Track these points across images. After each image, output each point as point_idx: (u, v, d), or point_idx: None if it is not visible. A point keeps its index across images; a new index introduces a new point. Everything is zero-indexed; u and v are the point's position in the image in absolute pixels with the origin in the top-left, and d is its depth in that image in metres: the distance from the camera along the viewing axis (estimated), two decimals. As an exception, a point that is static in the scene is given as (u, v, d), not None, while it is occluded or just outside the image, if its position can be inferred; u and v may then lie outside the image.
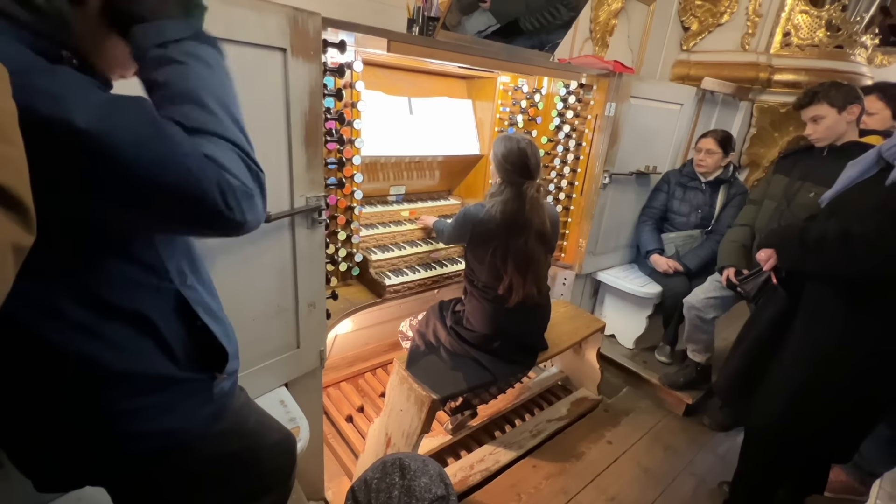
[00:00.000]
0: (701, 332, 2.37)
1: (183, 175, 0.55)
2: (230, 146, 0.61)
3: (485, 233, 1.64)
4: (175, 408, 0.74)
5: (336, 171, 1.64)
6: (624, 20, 2.99)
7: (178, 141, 0.55)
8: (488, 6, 1.75)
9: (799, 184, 1.95)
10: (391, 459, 0.92)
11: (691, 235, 2.60)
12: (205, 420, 0.79)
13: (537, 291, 1.71)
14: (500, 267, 1.64)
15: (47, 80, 0.50)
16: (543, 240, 1.67)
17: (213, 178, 0.57)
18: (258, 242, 1.28)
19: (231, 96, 0.65)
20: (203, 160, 0.56)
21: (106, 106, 0.52)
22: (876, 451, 1.79)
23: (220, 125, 0.61)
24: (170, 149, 0.54)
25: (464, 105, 2.38)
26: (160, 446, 0.74)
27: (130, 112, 0.54)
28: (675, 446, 2.23)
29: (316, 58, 1.24)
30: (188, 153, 0.55)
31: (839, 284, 1.35)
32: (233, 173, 0.59)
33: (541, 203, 1.65)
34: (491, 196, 1.67)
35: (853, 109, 1.74)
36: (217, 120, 0.61)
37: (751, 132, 3.38)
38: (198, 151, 0.56)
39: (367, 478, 0.91)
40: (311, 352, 1.54)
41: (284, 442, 1.02)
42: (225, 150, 0.60)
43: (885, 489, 1.32)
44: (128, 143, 0.52)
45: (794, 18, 3.09)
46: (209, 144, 0.59)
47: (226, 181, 0.58)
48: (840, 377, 1.36)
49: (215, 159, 0.58)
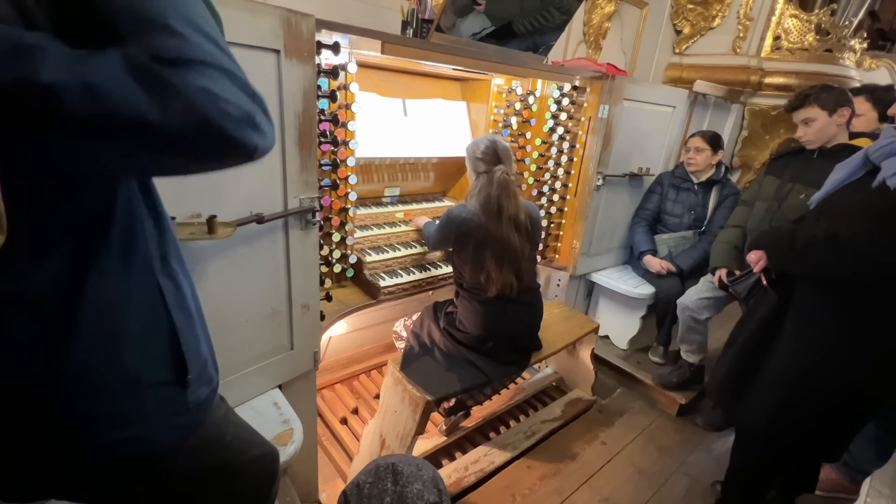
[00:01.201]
0: (694, 333, 2.38)
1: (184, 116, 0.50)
2: (217, 71, 0.54)
3: (468, 231, 1.66)
4: (145, 416, 0.70)
5: (330, 172, 1.64)
6: (617, 23, 3.01)
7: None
8: (482, 9, 1.76)
9: (790, 185, 1.97)
10: (384, 463, 0.91)
11: (684, 237, 2.62)
12: (176, 431, 0.75)
13: (517, 281, 1.70)
14: (482, 257, 1.66)
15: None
16: (518, 226, 1.68)
17: (212, 109, 0.51)
18: (251, 243, 1.28)
19: (201, 15, 0.57)
20: (198, 93, 0.51)
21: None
22: (865, 450, 1.81)
23: (199, 50, 0.54)
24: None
25: (458, 107, 2.39)
26: (128, 456, 0.70)
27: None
28: (669, 446, 2.25)
29: (310, 59, 1.24)
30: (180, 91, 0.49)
31: (828, 286, 1.36)
32: (229, 100, 0.54)
33: (512, 189, 1.68)
34: (470, 196, 1.71)
35: (843, 112, 1.77)
36: (195, 45, 0.54)
37: (742, 135, 3.42)
38: (190, 85, 0.50)
39: (359, 482, 0.90)
40: (305, 353, 1.54)
41: (265, 457, 0.97)
42: (215, 78, 0.53)
43: (875, 487, 1.34)
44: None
45: (784, 22, 3.13)
46: (196, 75, 0.52)
47: (224, 111, 0.52)
48: (829, 378, 1.38)
49: (208, 90, 0.52)
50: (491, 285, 1.67)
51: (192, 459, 0.80)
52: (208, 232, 1.09)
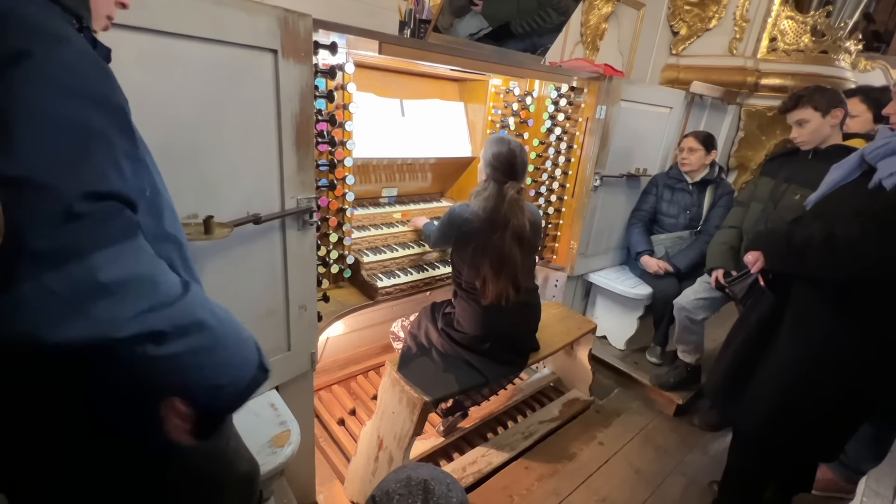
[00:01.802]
0: (691, 333, 2.39)
1: None
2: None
3: (469, 232, 1.65)
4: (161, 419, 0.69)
5: (327, 172, 1.64)
6: (614, 24, 3.02)
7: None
8: (480, 9, 1.76)
9: (785, 186, 1.98)
10: (416, 477, 0.89)
11: (680, 237, 2.63)
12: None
13: (514, 291, 1.69)
14: (479, 263, 1.65)
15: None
16: (521, 241, 1.67)
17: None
18: (248, 244, 1.27)
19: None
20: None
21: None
22: (860, 450, 1.82)
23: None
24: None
25: (455, 107, 2.39)
26: (143, 456, 0.70)
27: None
28: (666, 446, 2.25)
29: (307, 59, 1.23)
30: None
31: (825, 286, 1.37)
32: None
33: (521, 205, 1.67)
34: (475, 195, 1.70)
35: (837, 113, 1.78)
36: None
37: (739, 135, 3.44)
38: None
39: (389, 490, 0.87)
40: (302, 354, 1.53)
41: (251, 475, 0.96)
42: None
43: (871, 486, 1.35)
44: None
45: (780, 24, 3.15)
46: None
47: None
48: (825, 378, 1.38)
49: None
50: (486, 294, 1.66)
51: (197, 464, 0.79)
52: (205, 232, 1.09)
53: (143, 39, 0.95)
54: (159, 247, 0.70)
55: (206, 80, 1.08)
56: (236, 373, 0.64)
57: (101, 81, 0.58)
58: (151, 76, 0.99)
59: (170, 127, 1.04)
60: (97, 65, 0.59)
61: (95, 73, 0.58)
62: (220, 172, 1.16)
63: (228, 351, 0.63)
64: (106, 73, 0.60)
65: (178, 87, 1.04)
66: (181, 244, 0.76)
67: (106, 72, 0.60)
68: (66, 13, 0.60)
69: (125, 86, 0.62)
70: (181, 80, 1.04)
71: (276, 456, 1.25)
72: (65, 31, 0.57)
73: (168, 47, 0.99)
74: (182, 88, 1.04)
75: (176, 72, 1.02)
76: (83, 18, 0.64)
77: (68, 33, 0.57)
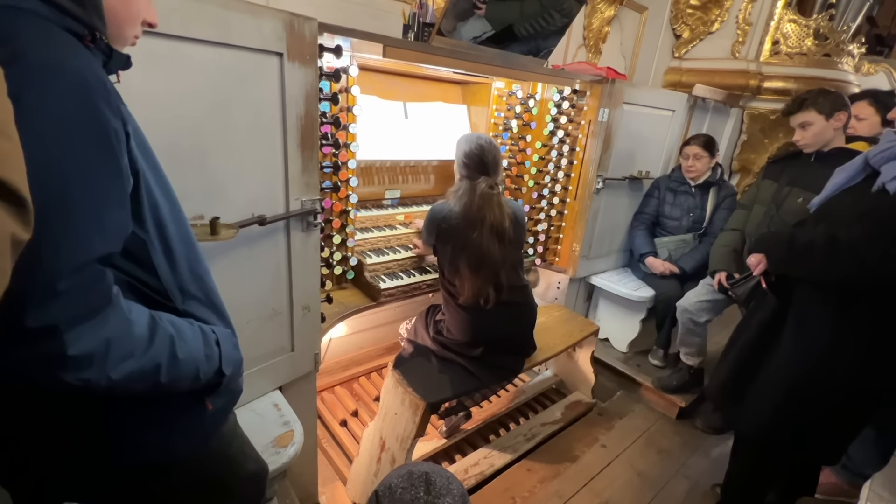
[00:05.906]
0: (693, 336, 2.39)
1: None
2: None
3: (448, 230, 1.65)
4: (166, 423, 0.72)
5: (331, 174, 1.65)
6: (616, 27, 3.03)
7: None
8: (483, 13, 1.77)
9: (787, 189, 1.98)
10: (418, 471, 0.90)
11: (684, 240, 2.63)
12: (193, 440, 0.77)
13: (495, 290, 1.67)
14: (458, 261, 1.65)
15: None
16: (500, 236, 1.64)
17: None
18: (253, 245, 1.28)
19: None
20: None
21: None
22: (863, 453, 1.81)
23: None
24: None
25: (459, 110, 2.40)
26: (148, 461, 0.72)
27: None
28: (669, 449, 2.25)
29: (312, 62, 1.24)
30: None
31: (827, 289, 1.37)
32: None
33: (497, 199, 1.66)
34: (451, 195, 1.70)
35: (840, 116, 1.78)
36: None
37: (741, 138, 3.43)
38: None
39: (392, 484, 0.89)
40: (306, 355, 1.54)
41: (259, 474, 0.98)
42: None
43: (875, 490, 1.34)
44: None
45: (782, 27, 3.15)
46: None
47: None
48: (828, 380, 1.38)
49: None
50: (463, 291, 1.65)
51: (201, 468, 0.80)
52: (211, 233, 1.10)
53: (151, 42, 0.96)
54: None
55: (213, 82, 1.09)
56: (206, 368, 0.73)
57: (89, 120, 0.53)
58: (159, 79, 1.00)
59: (176, 128, 1.05)
60: (87, 102, 0.53)
61: (82, 115, 0.53)
62: (225, 174, 1.17)
63: (194, 363, 0.71)
64: (95, 106, 0.54)
65: (185, 89, 1.05)
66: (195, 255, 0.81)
67: (95, 105, 0.54)
68: (78, 23, 0.57)
69: (132, 89, 0.62)
70: (188, 83, 1.05)
71: (279, 456, 1.26)
72: (59, 59, 0.52)
73: (175, 50, 1.01)
74: (189, 91, 1.05)
75: (183, 74, 1.04)
76: (97, 29, 0.60)
77: (62, 60, 0.52)
